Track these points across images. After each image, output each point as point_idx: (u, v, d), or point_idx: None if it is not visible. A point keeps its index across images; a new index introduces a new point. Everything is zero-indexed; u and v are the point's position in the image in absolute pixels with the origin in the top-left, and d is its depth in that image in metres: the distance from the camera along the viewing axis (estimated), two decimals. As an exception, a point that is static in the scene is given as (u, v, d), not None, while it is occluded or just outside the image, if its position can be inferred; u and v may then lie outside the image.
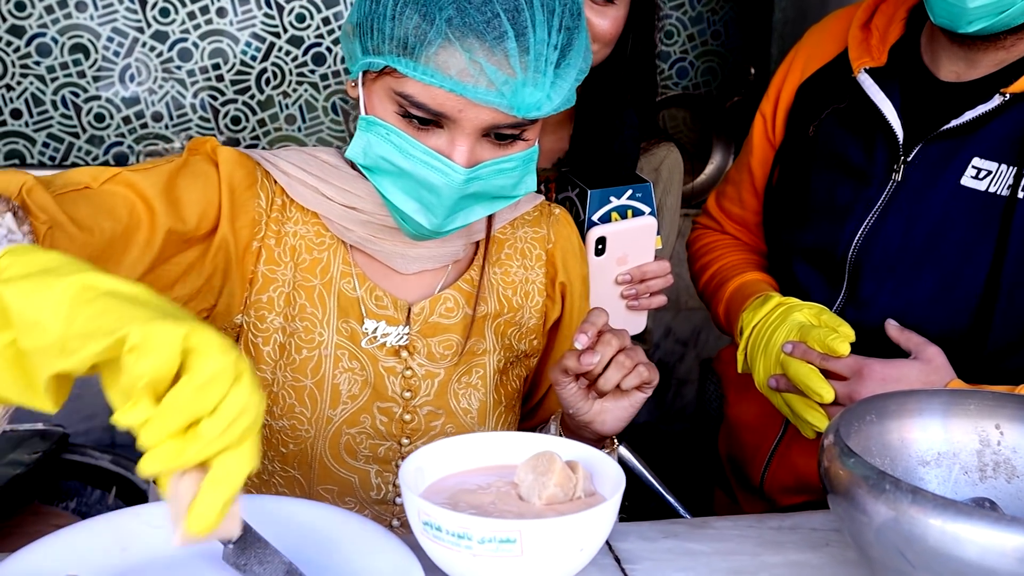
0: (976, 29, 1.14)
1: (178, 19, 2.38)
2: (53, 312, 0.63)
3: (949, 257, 1.21)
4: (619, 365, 1.01)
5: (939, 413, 0.96)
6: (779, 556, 0.93)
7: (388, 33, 0.92)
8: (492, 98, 0.91)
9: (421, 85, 0.92)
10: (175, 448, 0.63)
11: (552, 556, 0.76)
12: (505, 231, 1.16)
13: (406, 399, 1.08)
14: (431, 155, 0.94)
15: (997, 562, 0.72)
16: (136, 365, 0.61)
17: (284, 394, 1.05)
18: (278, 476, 1.08)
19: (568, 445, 0.89)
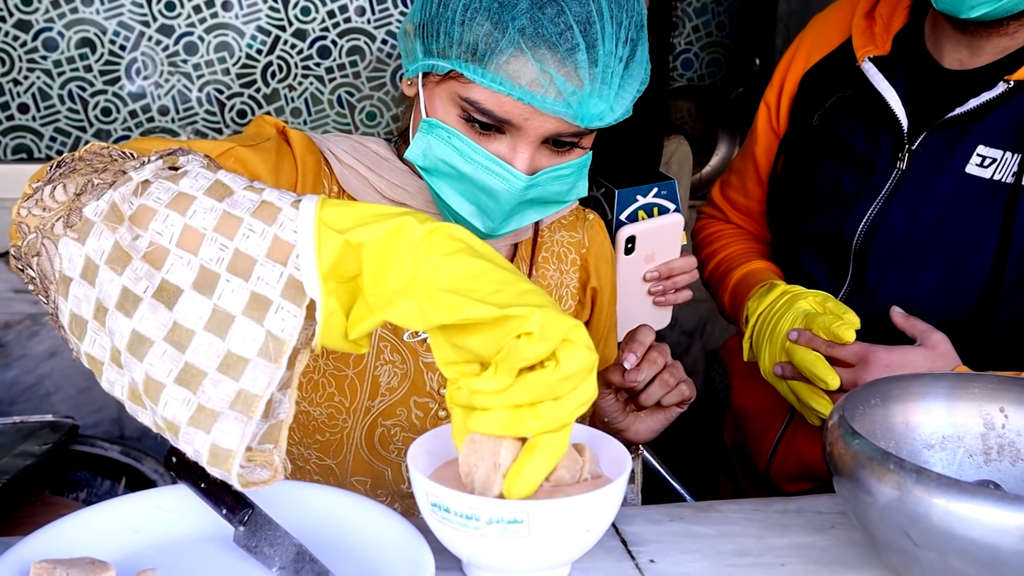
0: (978, 14, 1.14)
1: (184, 13, 2.38)
2: (415, 263, 0.66)
3: (954, 245, 1.21)
4: (663, 383, 1.04)
5: (943, 397, 0.97)
6: (784, 539, 0.93)
7: (456, 38, 0.93)
8: (559, 108, 0.92)
9: (489, 92, 0.93)
10: (514, 417, 0.68)
11: (559, 536, 0.76)
12: (543, 234, 1.17)
13: (443, 395, 1.09)
14: (493, 160, 0.95)
15: (1001, 541, 0.72)
16: (528, 348, 0.65)
17: (325, 382, 1.07)
18: (313, 463, 1.09)
19: (574, 428, 0.89)
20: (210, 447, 0.68)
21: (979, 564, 0.74)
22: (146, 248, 0.69)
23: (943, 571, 0.76)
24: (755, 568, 0.88)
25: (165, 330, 0.68)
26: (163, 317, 0.68)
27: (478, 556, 0.79)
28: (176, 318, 0.68)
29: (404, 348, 1.08)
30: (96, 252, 0.70)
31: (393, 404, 1.08)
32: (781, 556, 0.90)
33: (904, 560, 0.80)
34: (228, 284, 0.68)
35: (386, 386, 1.07)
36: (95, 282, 0.70)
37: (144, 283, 0.69)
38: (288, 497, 0.87)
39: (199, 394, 0.68)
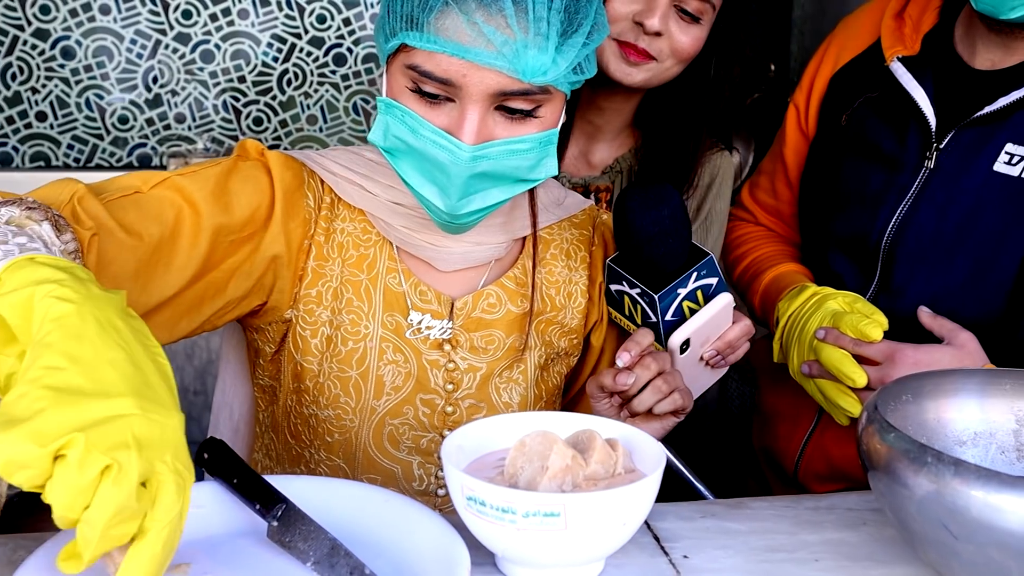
0: (1018, 15, 1.14)
1: (200, 21, 2.39)
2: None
3: (982, 243, 1.21)
4: (655, 389, 1.02)
5: (976, 393, 0.97)
6: (816, 535, 0.93)
7: (399, 11, 0.94)
8: (493, 60, 0.91)
9: (427, 54, 0.93)
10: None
11: (595, 530, 0.76)
12: (552, 231, 1.17)
13: (448, 392, 1.09)
14: (438, 133, 0.95)
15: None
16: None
17: (330, 384, 1.07)
18: (324, 465, 1.09)
19: (607, 424, 0.89)
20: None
21: (1019, 556, 0.73)
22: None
23: (983, 564, 0.76)
24: (789, 564, 0.87)
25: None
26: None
27: (513, 550, 0.78)
28: None
29: (407, 347, 1.08)
30: None
31: (399, 403, 1.08)
32: (814, 552, 0.90)
33: (943, 554, 0.79)
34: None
35: (391, 385, 1.08)
36: None
37: None
38: (321, 492, 0.86)
39: None
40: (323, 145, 2.52)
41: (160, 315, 0.95)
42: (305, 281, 1.06)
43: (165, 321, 0.96)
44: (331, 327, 1.07)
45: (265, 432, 1.16)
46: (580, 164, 1.49)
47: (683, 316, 1.09)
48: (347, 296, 1.07)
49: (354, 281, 1.08)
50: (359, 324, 1.07)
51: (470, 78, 0.93)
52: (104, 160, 2.46)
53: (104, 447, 0.59)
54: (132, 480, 0.59)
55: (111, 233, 0.89)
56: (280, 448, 1.13)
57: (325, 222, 1.07)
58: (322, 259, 1.07)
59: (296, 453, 1.11)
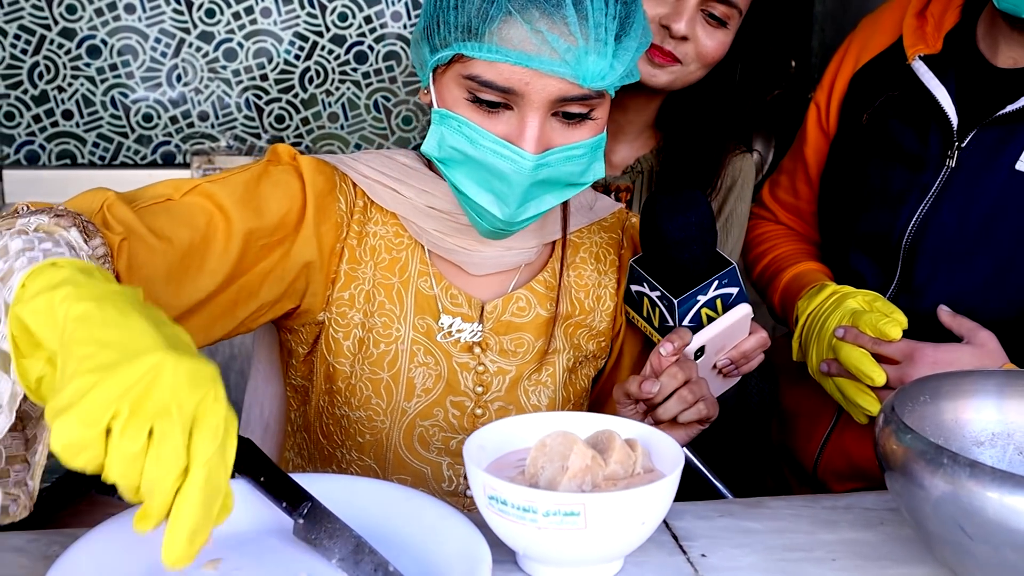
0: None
1: (223, 20, 2.42)
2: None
3: (1004, 242, 1.21)
4: (681, 399, 1.03)
5: (994, 393, 0.97)
6: (834, 534, 0.94)
7: (453, 22, 0.95)
8: (557, 67, 0.93)
9: (487, 64, 0.94)
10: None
11: (615, 529, 0.77)
12: (581, 234, 1.18)
13: (478, 394, 1.11)
14: (499, 143, 0.96)
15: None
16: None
17: (362, 386, 1.09)
18: (355, 465, 1.11)
19: (626, 424, 0.90)
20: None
21: None
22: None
23: (997, 565, 0.77)
24: (806, 563, 0.88)
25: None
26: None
27: (534, 548, 0.80)
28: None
29: (437, 350, 1.10)
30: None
31: (430, 405, 1.10)
32: (832, 551, 0.90)
33: (958, 554, 0.80)
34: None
35: (421, 387, 1.09)
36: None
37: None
38: (346, 491, 0.88)
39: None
40: (344, 143, 2.54)
41: (195, 318, 0.97)
42: (338, 284, 1.07)
43: (200, 324, 0.98)
44: (363, 329, 1.08)
45: (297, 431, 1.17)
46: None
47: (700, 323, 1.09)
48: (379, 299, 1.08)
49: (386, 284, 1.09)
50: (391, 327, 1.09)
51: (533, 86, 0.94)
52: (129, 158, 2.49)
53: (147, 412, 0.61)
54: (177, 438, 0.61)
55: (141, 238, 0.91)
56: (312, 448, 1.15)
57: (358, 225, 1.08)
58: (355, 262, 1.08)
59: (328, 453, 1.13)
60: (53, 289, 0.67)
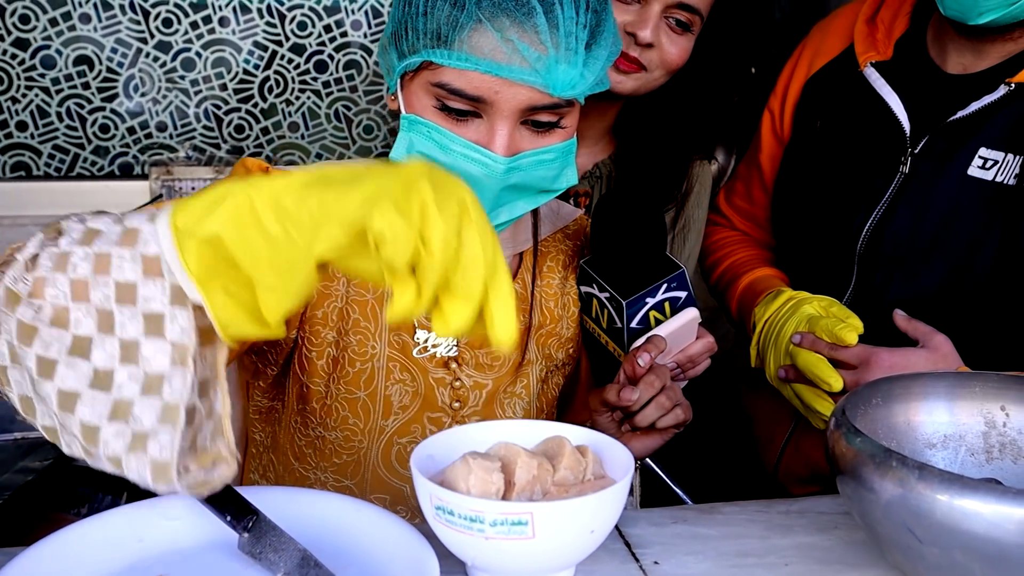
0: (986, 21, 1.15)
1: (181, 29, 2.39)
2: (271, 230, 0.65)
3: (958, 247, 1.22)
4: (659, 405, 1.03)
5: (945, 396, 0.97)
6: (787, 539, 0.93)
7: (422, 28, 0.94)
8: (527, 76, 0.92)
9: (457, 72, 0.93)
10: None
11: (564, 538, 0.76)
12: (547, 243, 1.18)
13: (455, 409, 1.10)
14: (470, 147, 0.95)
15: (1004, 535, 0.72)
16: (389, 255, 0.64)
17: (338, 406, 1.07)
18: (331, 486, 1.09)
19: (577, 431, 0.90)
20: (151, 466, 0.69)
21: (983, 559, 0.74)
22: (50, 315, 0.70)
23: (947, 567, 0.77)
24: (759, 569, 0.88)
25: (88, 380, 0.70)
26: (84, 369, 0.69)
27: (483, 559, 0.79)
28: (95, 365, 0.69)
29: (413, 366, 1.09)
30: (7, 336, 0.71)
31: (407, 422, 1.09)
32: (785, 556, 0.90)
33: (908, 557, 0.80)
34: (121, 315, 0.69)
35: (398, 405, 1.08)
36: (20, 361, 0.72)
37: (56, 346, 0.70)
38: (292, 503, 0.87)
39: (131, 423, 0.69)
40: (305, 152, 2.52)
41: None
42: (310, 302, 1.06)
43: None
44: (337, 348, 1.07)
45: (264, 453, 1.15)
46: None
47: (648, 326, 1.09)
48: (353, 317, 1.07)
49: (360, 301, 1.07)
50: (366, 344, 1.07)
51: (503, 94, 0.93)
52: (85, 169, 2.45)
53: (447, 195, 0.65)
54: (483, 214, 0.67)
55: None
56: (282, 470, 1.13)
57: None
58: (327, 279, 1.06)
59: (300, 475, 1.11)
60: (223, 200, 0.65)
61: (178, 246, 0.67)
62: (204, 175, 2.40)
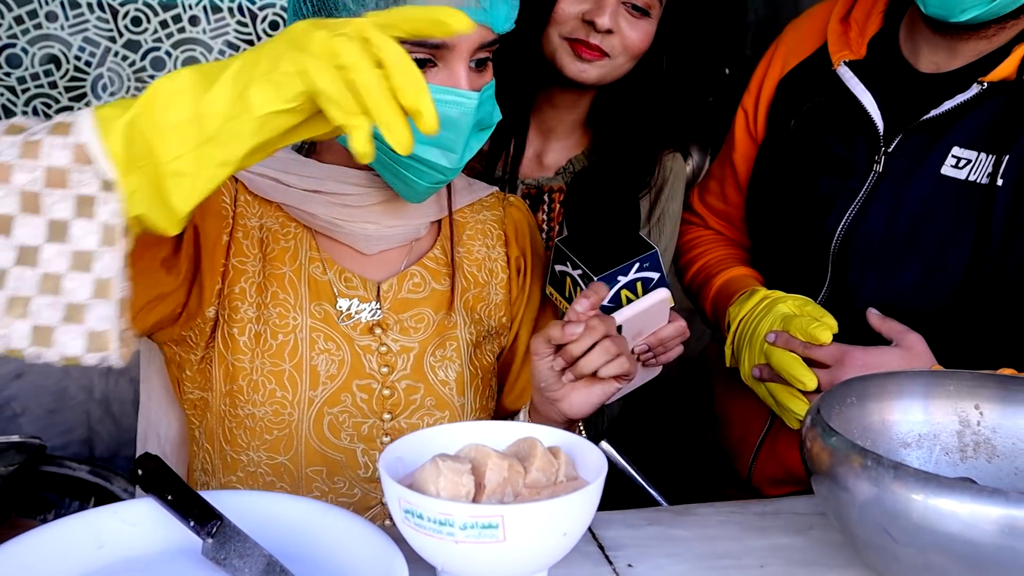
0: (968, 18, 1.15)
1: (150, 28, 2.36)
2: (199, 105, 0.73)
3: (931, 246, 1.22)
4: (603, 350, 1.02)
5: (919, 395, 0.97)
6: (763, 540, 0.92)
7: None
8: (478, 16, 0.97)
9: None
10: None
11: (535, 541, 0.75)
12: (464, 214, 1.21)
13: (384, 375, 1.10)
14: (444, 91, 0.98)
15: (979, 535, 0.72)
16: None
17: (264, 380, 1.06)
18: (264, 465, 1.08)
19: (549, 432, 0.88)
20: (87, 335, 0.76)
21: (958, 559, 0.73)
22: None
23: (923, 567, 0.76)
24: (734, 570, 0.87)
25: (13, 256, 0.75)
26: (5, 245, 0.75)
27: (453, 563, 0.77)
28: (18, 243, 0.75)
29: (337, 334, 1.09)
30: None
31: (336, 391, 1.08)
32: (760, 558, 0.89)
33: (884, 558, 0.79)
34: (51, 198, 0.75)
35: (326, 374, 1.08)
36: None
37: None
38: (258, 508, 0.85)
39: (63, 295, 0.75)
40: (277, 153, 2.50)
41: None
42: (228, 278, 1.07)
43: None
44: (259, 323, 1.07)
45: (201, 448, 1.14)
46: (533, 166, 1.49)
47: (619, 304, 1.10)
48: (271, 290, 1.08)
49: (278, 274, 1.08)
50: (287, 316, 1.08)
51: (463, 35, 0.97)
52: (53, 170, 2.42)
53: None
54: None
55: None
56: (215, 458, 1.11)
57: (241, 219, 1.08)
58: (242, 255, 1.07)
59: (232, 459, 1.10)
60: (146, 93, 0.74)
61: (102, 131, 0.74)
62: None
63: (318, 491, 1.07)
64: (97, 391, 2.41)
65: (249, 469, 1.08)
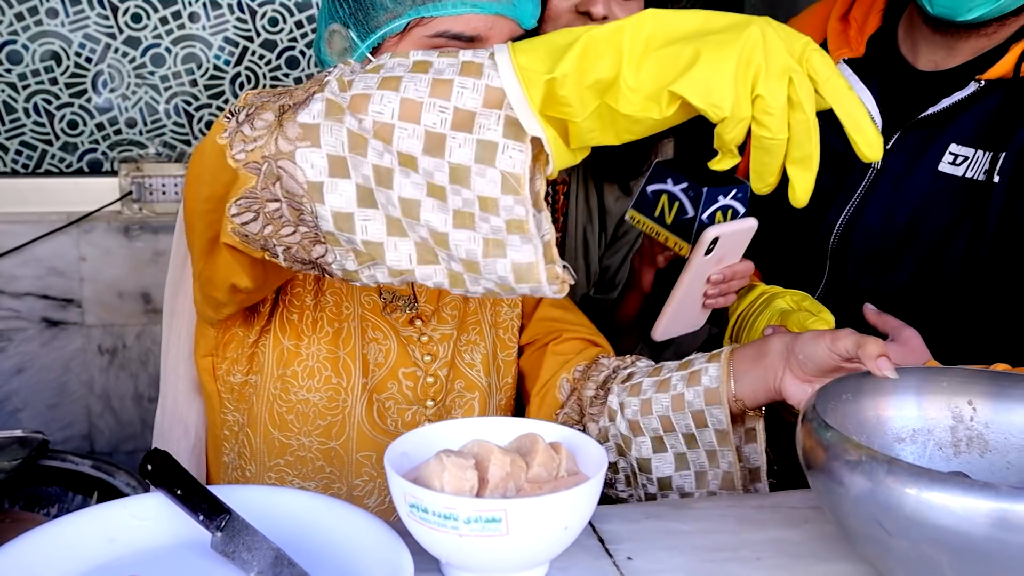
0: (975, 16, 1.16)
1: (150, 24, 2.37)
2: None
3: (928, 242, 1.23)
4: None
5: (913, 390, 0.98)
6: (760, 533, 0.94)
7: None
8: (507, 10, 1.01)
9: (452, 18, 1.01)
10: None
11: (537, 534, 0.77)
12: None
13: (427, 363, 1.15)
14: None
15: (972, 528, 0.73)
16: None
17: (320, 367, 1.10)
18: (315, 450, 1.11)
19: (550, 427, 0.90)
20: (512, 267, 0.75)
21: (951, 551, 0.75)
22: (372, 128, 0.75)
23: (916, 559, 0.77)
24: (732, 563, 0.88)
25: (424, 189, 0.75)
26: (416, 179, 0.75)
27: (457, 556, 0.79)
28: (425, 179, 0.74)
29: (385, 324, 1.13)
30: (335, 147, 0.76)
31: (384, 378, 1.12)
32: (757, 550, 0.91)
33: (878, 550, 0.81)
34: (454, 140, 0.73)
35: (375, 362, 1.12)
36: (348, 172, 0.76)
37: (388, 156, 0.75)
38: (265, 502, 0.86)
39: (478, 230, 0.74)
40: (277, 148, 2.50)
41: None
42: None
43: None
44: (316, 310, 1.10)
45: (237, 432, 1.16)
46: None
47: (714, 222, 1.15)
48: (327, 278, 1.09)
49: None
50: (341, 304, 1.11)
51: (495, 29, 1.02)
52: (54, 166, 2.43)
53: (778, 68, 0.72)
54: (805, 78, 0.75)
55: None
56: (259, 443, 1.13)
57: None
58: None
59: (281, 444, 1.12)
60: (569, 46, 0.71)
61: (523, 82, 0.71)
62: (175, 171, 2.39)
63: (367, 475, 1.11)
64: (97, 386, 2.42)
65: (299, 454, 1.10)
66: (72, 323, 2.38)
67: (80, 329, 2.39)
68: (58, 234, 2.33)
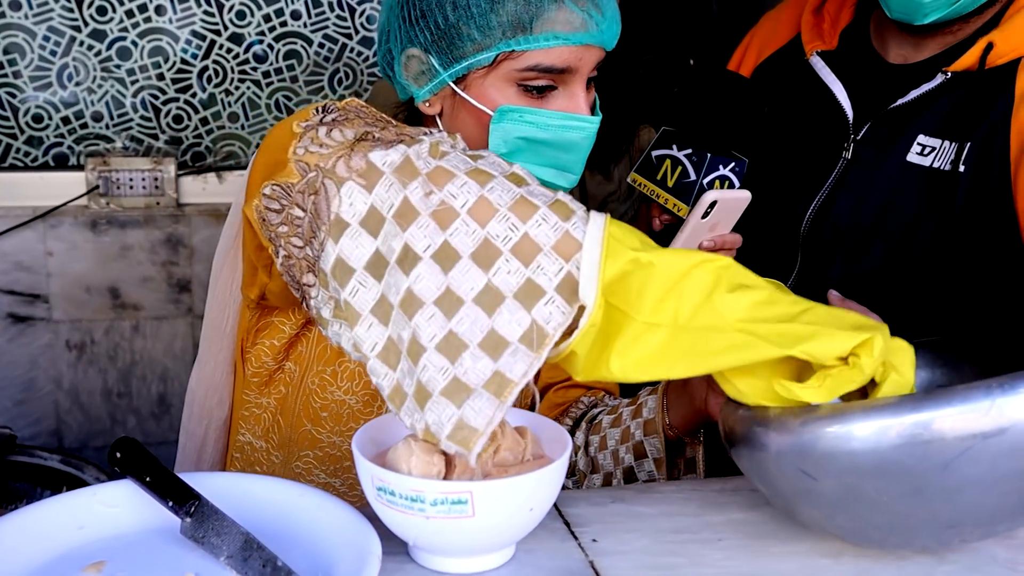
0: (931, 21, 1.19)
1: (116, 17, 2.36)
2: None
3: (896, 230, 1.26)
4: None
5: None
6: (721, 516, 0.96)
7: (492, 24, 0.99)
8: (593, 39, 1.01)
9: (543, 51, 1.00)
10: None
11: (503, 516, 0.78)
12: None
13: None
14: (567, 117, 1.02)
15: (880, 444, 0.72)
16: (859, 374, 0.72)
17: (359, 370, 1.10)
18: (344, 448, 1.12)
19: (516, 413, 0.91)
20: (456, 421, 0.71)
21: (869, 477, 0.74)
22: (436, 206, 0.71)
23: (846, 497, 0.76)
24: (694, 544, 0.90)
25: (437, 293, 0.70)
26: (438, 280, 0.70)
27: (424, 538, 0.80)
28: (449, 283, 0.70)
29: None
30: (383, 203, 0.73)
31: None
32: (718, 532, 0.93)
33: (812, 504, 0.79)
34: (507, 264, 0.70)
35: None
36: (378, 233, 0.73)
37: (427, 241, 0.71)
38: (234, 488, 0.87)
39: (457, 366, 0.70)
40: (245, 143, 2.50)
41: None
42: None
43: None
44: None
45: (263, 414, 1.14)
46: None
47: (713, 188, 1.20)
48: None
49: None
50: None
51: (584, 59, 1.02)
52: (19, 160, 2.41)
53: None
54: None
55: None
56: (288, 431, 1.13)
57: None
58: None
59: (312, 438, 1.12)
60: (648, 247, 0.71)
61: (605, 248, 0.69)
62: (142, 166, 2.38)
63: None
64: (66, 381, 2.41)
65: (328, 450, 1.10)
66: (39, 319, 2.37)
67: (47, 324, 2.38)
68: (24, 229, 2.31)
